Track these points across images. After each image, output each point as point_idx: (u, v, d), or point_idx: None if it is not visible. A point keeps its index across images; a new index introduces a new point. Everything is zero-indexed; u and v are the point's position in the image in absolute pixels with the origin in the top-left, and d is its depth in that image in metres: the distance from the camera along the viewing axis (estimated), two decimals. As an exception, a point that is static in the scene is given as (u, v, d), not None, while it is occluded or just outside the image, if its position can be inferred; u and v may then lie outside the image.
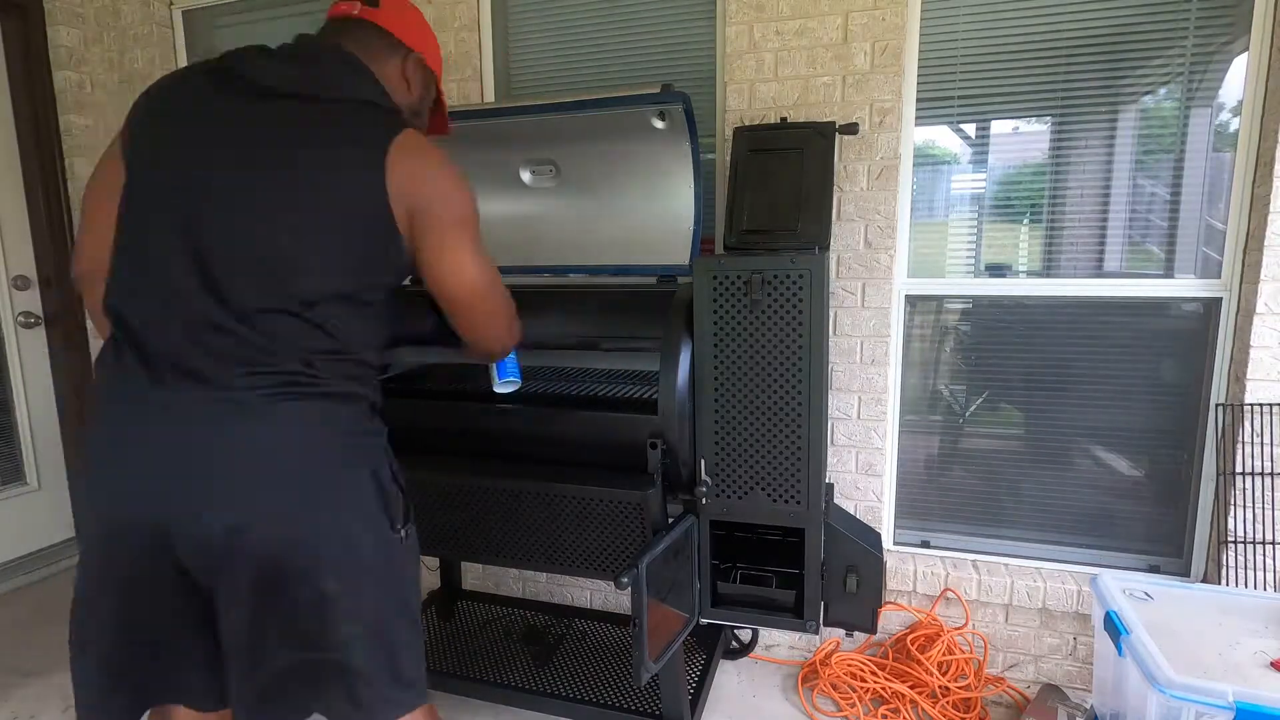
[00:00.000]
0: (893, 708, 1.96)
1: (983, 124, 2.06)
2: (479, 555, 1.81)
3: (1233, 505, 1.86)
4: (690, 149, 1.79)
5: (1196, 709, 1.27)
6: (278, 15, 2.71)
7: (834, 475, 2.19)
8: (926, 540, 2.23)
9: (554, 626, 2.28)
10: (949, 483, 2.22)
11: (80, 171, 2.87)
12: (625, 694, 1.91)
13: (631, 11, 2.28)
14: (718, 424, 1.63)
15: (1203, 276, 1.93)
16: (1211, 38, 1.86)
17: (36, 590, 2.77)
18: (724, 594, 1.75)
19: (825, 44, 2.00)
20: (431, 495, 1.77)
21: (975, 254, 2.11)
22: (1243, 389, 1.83)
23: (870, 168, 2.03)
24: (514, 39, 2.43)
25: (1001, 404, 2.15)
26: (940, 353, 2.17)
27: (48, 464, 2.96)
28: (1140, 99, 1.95)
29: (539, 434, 1.71)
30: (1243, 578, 1.85)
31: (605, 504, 1.62)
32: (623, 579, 1.37)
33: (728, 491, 1.66)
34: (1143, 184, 1.97)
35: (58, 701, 2.08)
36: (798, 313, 1.54)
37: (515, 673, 2.02)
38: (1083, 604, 2.00)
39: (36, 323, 2.90)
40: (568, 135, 1.88)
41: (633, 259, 1.97)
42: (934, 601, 2.14)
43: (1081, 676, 2.07)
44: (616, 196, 1.95)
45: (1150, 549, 2.07)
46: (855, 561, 1.71)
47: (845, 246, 2.07)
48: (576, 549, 1.69)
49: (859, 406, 2.13)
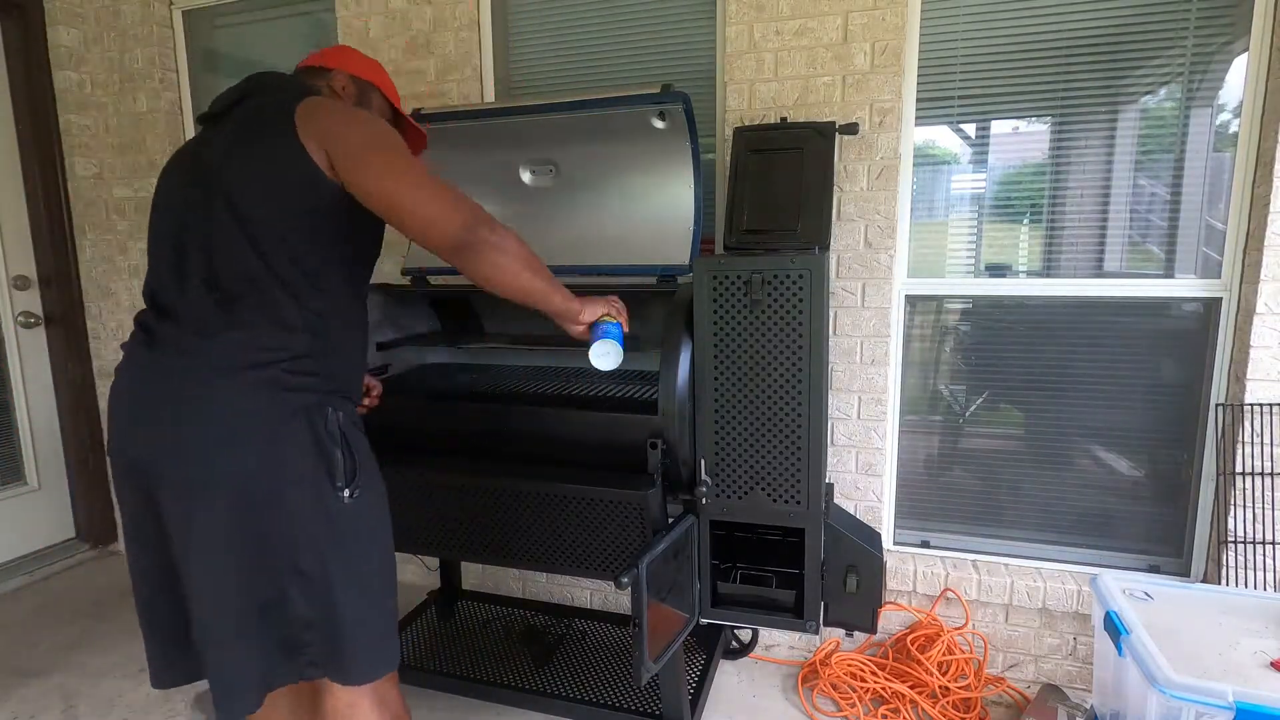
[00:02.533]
0: (893, 708, 1.96)
1: (983, 124, 2.06)
2: (479, 555, 1.81)
3: (1233, 505, 1.86)
4: (690, 149, 1.79)
5: (1196, 709, 1.27)
6: (277, 15, 2.72)
7: (834, 475, 2.19)
8: (926, 540, 2.23)
9: (554, 626, 2.28)
10: (949, 483, 2.22)
11: (80, 172, 2.87)
12: (625, 694, 1.91)
13: (631, 11, 2.28)
14: (718, 424, 1.63)
15: (1203, 276, 1.93)
16: (1211, 38, 1.86)
17: (36, 590, 2.77)
18: (724, 594, 1.75)
19: (825, 44, 2.00)
20: (432, 495, 1.77)
21: (975, 254, 2.11)
22: (1243, 389, 1.83)
23: (870, 168, 2.03)
24: (514, 39, 2.43)
25: (1001, 404, 2.15)
26: (940, 353, 2.17)
27: (48, 464, 2.96)
28: (1140, 99, 1.95)
29: (539, 434, 1.71)
30: (1243, 578, 1.85)
31: (605, 504, 1.62)
32: (623, 579, 1.37)
33: (728, 491, 1.66)
34: (1143, 184, 1.97)
35: (58, 701, 2.08)
36: (798, 313, 1.54)
37: (515, 673, 2.02)
38: (1083, 604, 2.00)
39: (36, 323, 2.90)
40: (568, 135, 1.88)
41: (633, 259, 1.97)
42: (934, 601, 2.14)
43: (1081, 676, 2.07)
44: (616, 196, 1.95)
45: (1150, 549, 2.07)
46: (855, 561, 1.71)
47: (845, 246, 2.07)
48: (576, 549, 1.69)
49: (859, 406, 2.13)
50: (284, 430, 1.12)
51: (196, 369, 1.12)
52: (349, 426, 1.20)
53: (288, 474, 1.12)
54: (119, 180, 2.90)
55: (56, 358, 2.96)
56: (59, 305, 2.92)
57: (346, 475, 1.16)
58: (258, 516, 1.11)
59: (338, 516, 1.16)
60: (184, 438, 1.11)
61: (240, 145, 1.17)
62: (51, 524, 2.99)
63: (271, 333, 1.13)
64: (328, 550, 1.15)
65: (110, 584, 2.80)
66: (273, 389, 1.12)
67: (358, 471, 1.18)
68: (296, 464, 1.13)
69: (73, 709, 2.04)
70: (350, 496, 1.16)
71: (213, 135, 1.22)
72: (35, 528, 2.93)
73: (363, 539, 1.20)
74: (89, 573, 2.90)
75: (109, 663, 2.25)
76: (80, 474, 3.01)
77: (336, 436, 1.16)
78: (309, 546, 1.14)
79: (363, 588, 1.19)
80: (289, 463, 1.12)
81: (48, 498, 2.97)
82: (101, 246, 2.95)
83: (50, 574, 2.87)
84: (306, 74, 1.38)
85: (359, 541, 1.19)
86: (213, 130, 1.24)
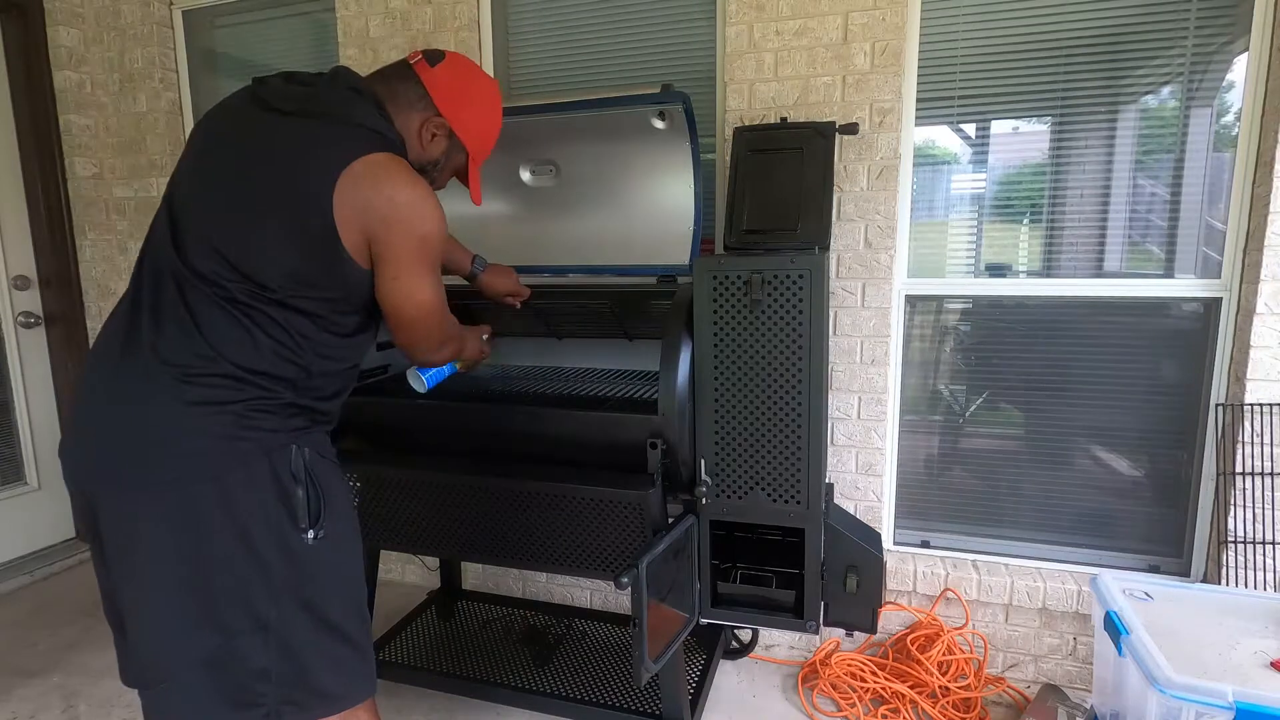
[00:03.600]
0: (893, 708, 1.96)
1: (983, 124, 2.06)
2: (479, 555, 1.81)
3: (1233, 505, 1.86)
4: (690, 149, 1.79)
5: (1196, 709, 1.27)
6: (277, 15, 2.72)
7: (834, 475, 2.19)
8: (926, 540, 2.23)
9: (554, 626, 2.28)
10: (949, 483, 2.22)
11: (80, 171, 2.87)
12: (625, 694, 1.91)
13: (631, 11, 2.28)
14: (718, 424, 1.63)
15: (1203, 276, 1.93)
16: (1211, 38, 1.86)
17: (36, 590, 2.77)
18: (724, 594, 1.75)
19: (825, 44, 2.00)
20: (432, 495, 1.77)
21: (975, 254, 2.11)
22: (1243, 389, 1.83)
23: (870, 168, 2.03)
24: (514, 39, 2.43)
25: (1001, 404, 2.15)
26: (940, 353, 2.17)
27: (48, 464, 2.96)
28: (1140, 99, 1.95)
29: (539, 434, 1.71)
30: (1243, 578, 1.85)
31: (605, 504, 1.62)
32: (623, 579, 1.37)
33: (728, 491, 1.66)
34: (1143, 184, 1.97)
35: (58, 701, 2.08)
36: (798, 313, 1.54)
37: (515, 673, 2.02)
38: (1083, 604, 2.00)
39: (36, 323, 2.90)
40: (568, 135, 1.88)
41: (633, 259, 1.97)
42: (934, 601, 2.14)
43: (1081, 676, 2.07)
44: (616, 196, 1.95)
45: (1150, 549, 2.07)
46: (855, 561, 1.71)
47: (845, 246, 2.07)
48: (576, 549, 1.69)
49: (859, 406, 2.13)
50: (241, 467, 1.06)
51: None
52: (315, 460, 1.13)
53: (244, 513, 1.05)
54: (119, 180, 2.90)
55: (56, 358, 2.96)
56: (59, 305, 2.92)
57: (311, 515, 1.10)
58: (206, 558, 1.04)
59: (301, 558, 1.09)
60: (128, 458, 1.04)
61: (274, 175, 1.05)
62: (51, 524, 2.99)
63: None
64: (287, 596, 1.08)
65: (110, 584, 2.79)
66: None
67: (323, 508, 1.12)
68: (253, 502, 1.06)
69: (72, 709, 2.04)
70: (315, 537, 1.10)
71: (250, 135, 1.09)
72: (35, 528, 2.93)
73: (328, 579, 1.13)
74: (89, 573, 2.89)
75: (109, 663, 2.25)
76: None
77: (301, 474, 1.10)
78: (266, 593, 1.06)
79: (329, 627, 1.13)
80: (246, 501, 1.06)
81: (48, 498, 2.97)
82: (101, 246, 2.95)
83: (50, 574, 2.87)
84: (400, 88, 1.18)
85: (325, 582, 1.12)
86: (256, 121, 1.09)
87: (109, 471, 1.04)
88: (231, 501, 1.04)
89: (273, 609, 1.07)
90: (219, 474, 1.04)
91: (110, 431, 1.05)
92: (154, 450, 1.02)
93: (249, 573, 1.05)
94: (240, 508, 1.05)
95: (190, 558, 1.03)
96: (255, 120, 1.10)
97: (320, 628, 1.12)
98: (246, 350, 1.05)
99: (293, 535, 1.08)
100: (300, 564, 1.09)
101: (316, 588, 1.11)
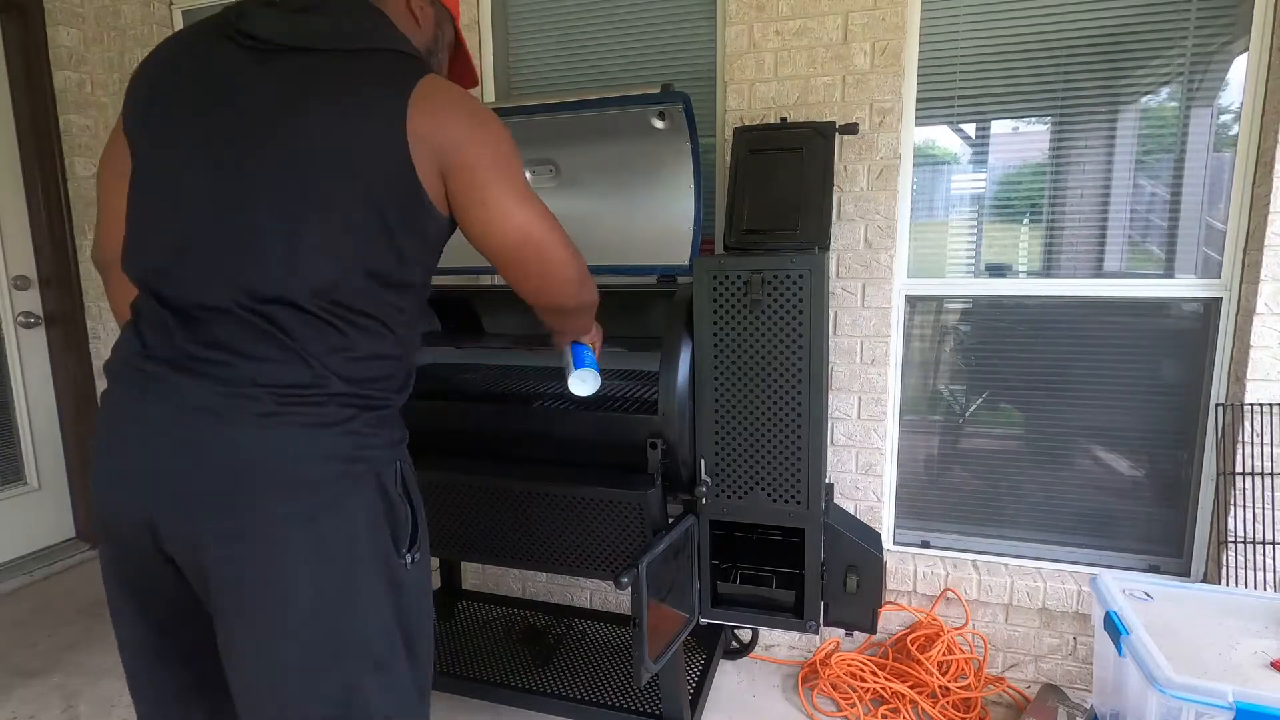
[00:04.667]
0: (893, 708, 1.96)
1: (983, 124, 2.06)
2: (479, 555, 1.81)
3: (1233, 505, 1.86)
4: (690, 149, 1.79)
5: (1196, 709, 1.27)
6: (278, 15, 2.71)
7: (834, 475, 2.19)
8: (926, 540, 2.23)
9: (554, 626, 2.28)
10: (949, 483, 2.22)
11: (80, 171, 2.87)
12: (625, 694, 1.91)
13: (631, 11, 2.28)
14: (718, 424, 1.63)
15: (1203, 276, 1.93)
16: (1211, 38, 1.86)
17: (37, 590, 2.76)
18: (724, 594, 1.75)
19: (825, 44, 2.00)
20: (432, 495, 1.77)
21: (975, 254, 2.11)
22: (1243, 389, 1.83)
23: (870, 168, 2.03)
24: (514, 39, 2.43)
25: (1001, 404, 2.15)
26: (940, 353, 2.17)
27: (48, 464, 2.96)
28: (1140, 99, 1.95)
29: (539, 434, 1.71)
30: (1243, 578, 1.85)
31: (605, 504, 1.62)
32: (623, 579, 1.37)
33: (728, 491, 1.66)
34: (1143, 184, 1.97)
35: (58, 701, 2.08)
36: (798, 313, 1.54)
37: (515, 673, 2.02)
38: (1083, 604, 2.00)
39: (36, 323, 2.90)
40: (568, 135, 1.88)
41: (633, 259, 1.97)
42: (934, 601, 2.14)
43: (1081, 676, 2.07)
44: (616, 196, 1.95)
45: (1150, 549, 2.07)
46: (855, 561, 1.71)
47: (845, 246, 2.07)
48: (576, 549, 1.69)
49: (859, 406, 2.13)
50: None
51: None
52: (410, 473, 1.02)
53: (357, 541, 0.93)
54: (119, 180, 2.89)
55: (56, 358, 2.96)
56: (59, 305, 2.92)
57: (412, 537, 0.99)
58: (329, 597, 0.91)
59: (403, 585, 0.98)
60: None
61: (316, 137, 0.87)
62: (51, 524, 2.99)
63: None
64: (397, 631, 0.97)
65: (110, 584, 2.79)
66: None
67: (418, 527, 1.01)
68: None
69: (72, 709, 2.04)
70: (412, 561, 0.99)
71: (255, 91, 0.89)
72: (35, 528, 2.93)
73: (420, 608, 1.02)
74: (89, 573, 2.90)
75: (109, 662, 2.25)
76: (80, 474, 3.00)
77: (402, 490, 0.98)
78: (381, 630, 0.95)
79: (420, 666, 1.01)
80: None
81: (48, 498, 2.97)
82: (101, 246, 2.94)
83: (50, 574, 2.87)
84: None
85: (416, 613, 1.01)
86: (253, 67, 0.89)
87: (208, 510, 0.88)
88: (349, 530, 0.93)
89: (386, 647, 0.96)
90: (339, 501, 0.92)
91: (202, 467, 0.88)
92: (274, 481, 0.89)
93: (369, 606, 0.94)
94: (358, 535, 0.93)
95: (315, 596, 0.90)
96: (251, 68, 0.89)
97: (415, 665, 1.00)
98: (348, 360, 0.92)
99: (394, 559, 0.97)
100: (401, 591, 0.98)
101: (410, 618, 0.99)
